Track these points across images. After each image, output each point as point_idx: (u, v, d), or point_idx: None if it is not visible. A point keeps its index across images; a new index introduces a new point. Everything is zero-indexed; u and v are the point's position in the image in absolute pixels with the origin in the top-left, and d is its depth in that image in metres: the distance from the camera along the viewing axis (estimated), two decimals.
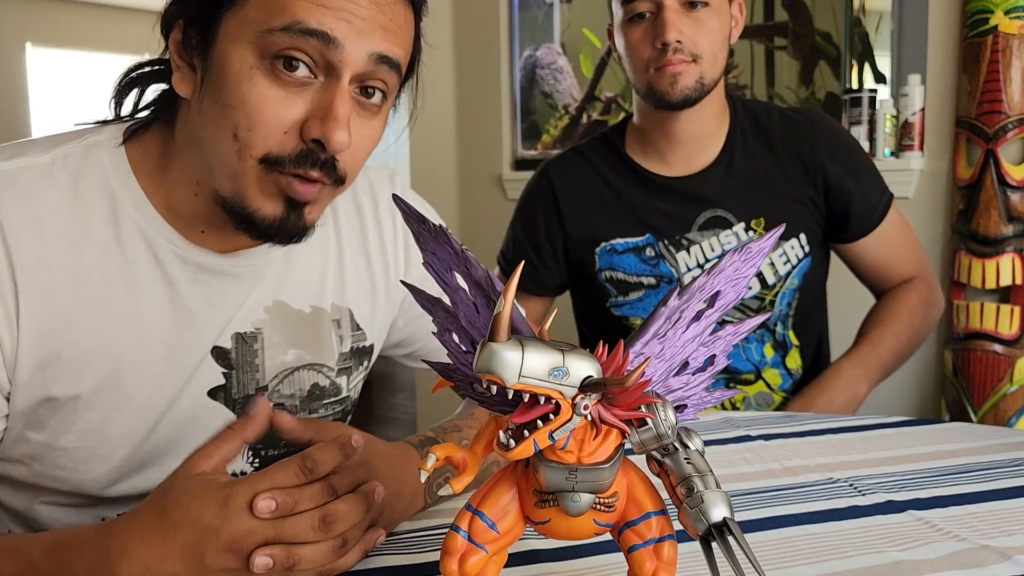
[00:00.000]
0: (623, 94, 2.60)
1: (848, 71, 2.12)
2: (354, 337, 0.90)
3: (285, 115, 0.68)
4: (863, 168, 1.32)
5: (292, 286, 0.85)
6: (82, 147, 0.75)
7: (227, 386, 0.82)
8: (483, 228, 2.96)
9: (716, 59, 1.20)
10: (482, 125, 2.91)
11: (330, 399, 0.90)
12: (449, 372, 0.54)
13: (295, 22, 0.66)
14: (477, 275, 0.50)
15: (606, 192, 1.34)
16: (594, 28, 2.64)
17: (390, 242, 0.93)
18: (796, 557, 0.67)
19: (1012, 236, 1.81)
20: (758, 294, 1.30)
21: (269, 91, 0.68)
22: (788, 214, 1.28)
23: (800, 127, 1.30)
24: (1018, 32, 1.76)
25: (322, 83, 0.69)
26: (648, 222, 1.30)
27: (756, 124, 1.31)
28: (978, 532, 0.71)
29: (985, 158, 1.81)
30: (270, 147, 0.69)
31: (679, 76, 1.18)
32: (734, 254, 0.51)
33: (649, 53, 1.19)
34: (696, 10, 1.18)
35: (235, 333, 0.82)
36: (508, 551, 0.52)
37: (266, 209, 0.71)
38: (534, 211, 1.38)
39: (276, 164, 0.69)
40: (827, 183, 1.28)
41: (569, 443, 0.46)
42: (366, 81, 0.70)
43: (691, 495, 0.48)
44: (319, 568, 0.61)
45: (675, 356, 0.51)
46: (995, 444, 0.94)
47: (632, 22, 1.20)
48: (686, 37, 1.16)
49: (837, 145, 1.30)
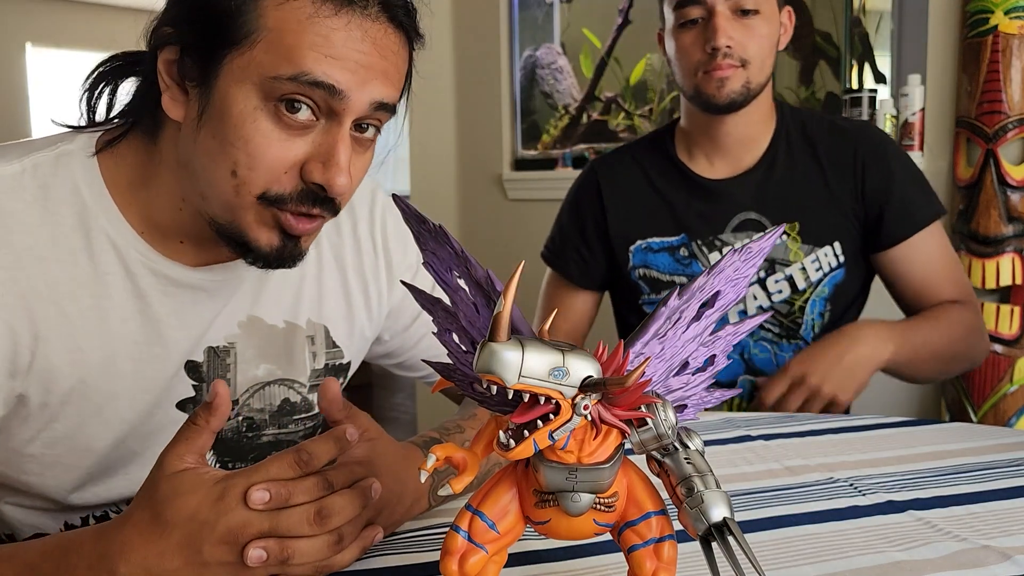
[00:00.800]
0: (623, 94, 2.60)
1: (848, 71, 2.12)
2: (329, 354, 0.90)
3: (287, 156, 0.69)
4: (907, 176, 1.29)
5: (267, 301, 0.85)
6: (53, 156, 0.75)
7: (196, 399, 0.82)
8: (483, 228, 2.96)
9: (764, 65, 1.23)
10: (482, 125, 2.91)
11: (301, 415, 0.90)
12: (449, 372, 0.54)
13: (302, 73, 0.67)
14: (477, 275, 0.50)
15: (649, 192, 1.36)
16: (594, 28, 2.64)
17: (369, 260, 0.92)
18: (796, 557, 0.67)
19: (1012, 236, 1.81)
20: (788, 298, 1.29)
21: (272, 133, 0.68)
22: (824, 221, 1.28)
23: (845, 135, 1.30)
24: (1018, 32, 1.76)
25: (324, 126, 0.70)
26: (684, 222, 1.32)
27: (802, 131, 1.32)
28: (978, 532, 0.71)
29: (985, 158, 1.81)
30: (270, 185, 0.69)
31: (726, 80, 1.20)
32: (734, 254, 0.51)
33: (699, 57, 1.22)
34: (747, 17, 1.20)
35: (208, 347, 0.82)
36: (508, 551, 0.52)
37: (262, 240, 0.72)
38: (581, 205, 1.41)
39: (276, 202, 0.70)
40: (865, 189, 1.27)
41: (569, 443, 0.46)
42: (363, 121, 0.72)
43: (691, 495, 0.48)
44: (314, 563, 0.60)
45: (675, 356, 0.51)
46: (995, 444, 0.94)
47: (683, 27, 1.23)
48: (735, 43, 1.19)
49: (881, 154, 1.28)
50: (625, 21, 2.57)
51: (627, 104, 2.59)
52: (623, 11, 2.56)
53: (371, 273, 0.92)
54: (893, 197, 1.26)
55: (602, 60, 2.63)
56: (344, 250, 0.91)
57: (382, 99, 0.71)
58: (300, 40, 0.67)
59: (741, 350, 1.32)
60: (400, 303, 0.95)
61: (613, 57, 2.60)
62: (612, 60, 2.61)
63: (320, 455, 0.62)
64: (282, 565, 0.59)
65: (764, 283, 1.29)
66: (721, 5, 1.19)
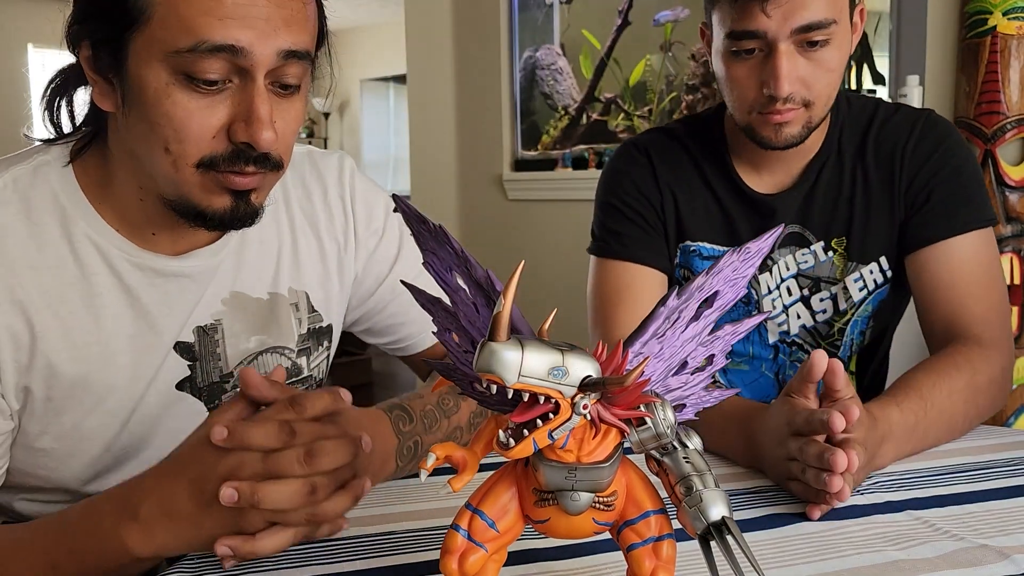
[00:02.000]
0: (622, 95, 2.60)
1: (847, 72, 2.13)
2: (311, 319, 0.94)
3: (210, 122, 0.71)
4: (954, 174, 1.09)
5: (247, 276, 0.88)
6: (30, 169, 0.78)
7: (192, 377, 0.86)
8: (483, 228, 2.96)
9: (829, 99, 1.04)
10: (482, 125, 2.91)
11: (293, 379, 0.93)
12: (449, 372, 0.55)
13: (200, 41, 0.68)
14: (477, 275, 0.50)
15: (706, 193, 1.17)
16: (594, 29, 2.64)
17: (339, 223, 0.95)
18: (795, 557, 0.67)
19: (1011, 236, 1.81)
20: (830, 319, 1.15)
21: (190, 103, 0.70)
22: (871, 234, 1.12)
23: (898, 130, 1.11)
24: (1016, 33, 1.77)
25: (238, 84, 0.71)
26: (738, 235, 1.16)
27: (856, 129, 1.13)
28: (976, 531, 0.71)
29: (984, 158, 1.81)
30: (203, 152, 0.71)
31: (785, 125, 1.01)
32: (732, 254, 0.52)
33: (754, 95, 1.01)
34: (815, 51, 0.98)
35: (196, 327, 0.85)
36: (508, 550, 0.52)
37: (215, 204, 0.74)
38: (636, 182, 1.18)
39: (211, 166, 0.72)
40: (904, 187, 1.10)
41: (568, 442, 0.46)
42: (279, 75, 0.73)
43: (690, 494, 0.48)
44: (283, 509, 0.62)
45: (674, 356, 0.51)
46: (993, 444, 0.94)
47: (737, 56, 1.01)
48: (800, 84, 0.99)
49: (930, 148, 1.10)
50: (625, 22, 2.57)
51: (627, 105, 2.59)
52: (623, 12, 2.56)
53: (342, 236, 0.95)
54: (933, 195, 1.08)
55: (602, 61, 2.63)
56: (317, 216, 0.94)
57: (289, 47, 0.71)
58: (191, 8, 0.68)
59: (777, 369, 1.19)
60: (364, 268, 0.98)
61: (613, 58, 2.61)
62: (612, 61, 2.61)
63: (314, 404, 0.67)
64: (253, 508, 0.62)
65: (808, 301, 1.15)
66: (785, 41, 0.96)
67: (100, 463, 0.82)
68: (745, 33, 0.97)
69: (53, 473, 0.81)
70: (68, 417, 0.79)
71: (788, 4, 0.95)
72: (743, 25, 0.97)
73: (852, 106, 1.14)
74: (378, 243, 0.97)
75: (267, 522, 0.63)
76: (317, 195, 0.94)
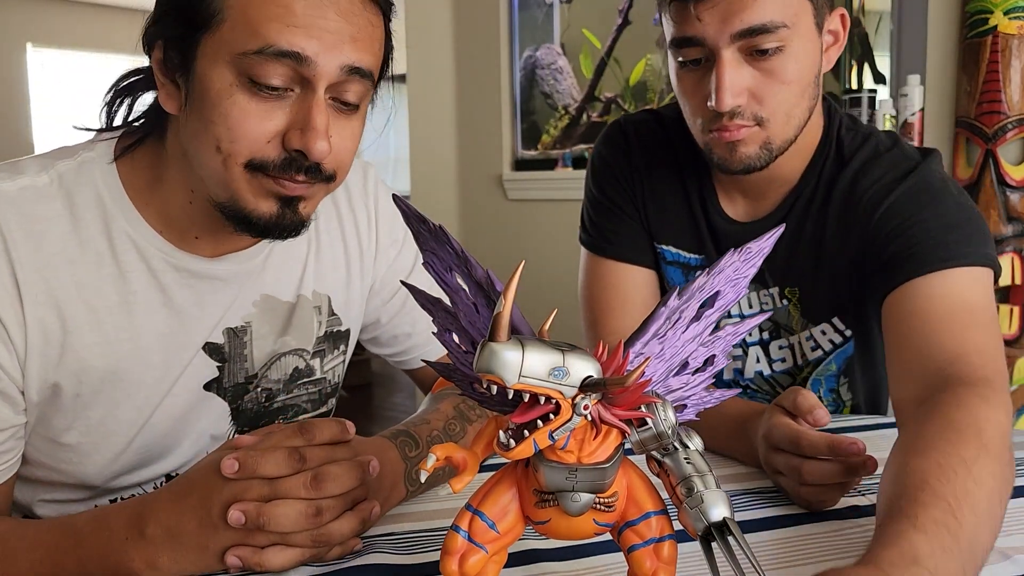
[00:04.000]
0: (623, 94, 2.60)
1: (848, 71, 2.13)
2: (330, 322, 0.95)
3: (266, 127, 0.71)
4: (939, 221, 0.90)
5: (276, 279, 0.89)
6: (76, 164, 0.79)
7: (220, 379, 0.87)
8: (483, 228, 2.96)
9: (790, 117, 0.91)
10: (482, 125, 2.91)
11: (305, 379, 0.94)
12: (449, 372, 0.54)
13: (267, 45, 0.69)
14: (477, 275, 0.50)
15: (680, 194, 1.09)
16: (594, 28, 2.64)
17: (364, 230, 0.96)
18: (796, 557, 0.67)
19: (1011, 236, 1.81)
20: (790, 369, 1.08)
21: (249, 105, 0.71)
22: (821, 292, 1.01)
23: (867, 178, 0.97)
24: (1017, 32, 1.77)
25: (299, 95, 0.72)
26: (704, 245, 1.08)
27: (831, 172, 1.00)
28: None
29: (984, 158, 1.81)
30: (254, 154, 0.72)
31: (739, 143, 0.90)
32: (734, 254, 0.51)
33: (703, 112, 0.91)
34: (764, 59, 0.87)
35: (226, 328, 0.86)
36: (508, 551, 0.52)
37: (261, 208, 0.75)
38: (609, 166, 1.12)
39: (261, 169, 0.73)
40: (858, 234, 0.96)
41: (569, 443, 0.46)
42: (340, 91, 0.73)
43: (691, 495, 0.48)
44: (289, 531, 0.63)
45: (675, 356, 0.51)
46: None
47: (684, 67, 0.92)
48: (747, 97, 0.88)
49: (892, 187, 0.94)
50: (625, 21, 2.57)
51: (627, 104, 2.59)
52: (623, 11, 2.56)
53: (365, 243, 0.97)
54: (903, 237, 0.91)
55: (602, 60, 2.63)
56: (343, 222, 0.95)
57: (352, 63, 0.72)
58: (261, 13, 0.69)
59: None
60: (382, 278, 0.99)
61: (613, 57, 2.61)
62: (612, 60, 2.61)
63: (323, 431, 0.67)
64: (260, 530, 0.63)
65: (767, 346, 1.08)
66: (728, 48, 0.86)
67: (122, 460, 0.83)
68: (684, 40, 0.88)
69: (76, 468, 0.82)
70: (95, 412, 0.80)
71: (724, 5, 0.85)
72: (681, 31, 0.88)
73: (843, 140, 1.01)
74: (397, 254, 0.99)
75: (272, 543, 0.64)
76: (342, 200, 0.95)
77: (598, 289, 1.12)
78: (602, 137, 1.16)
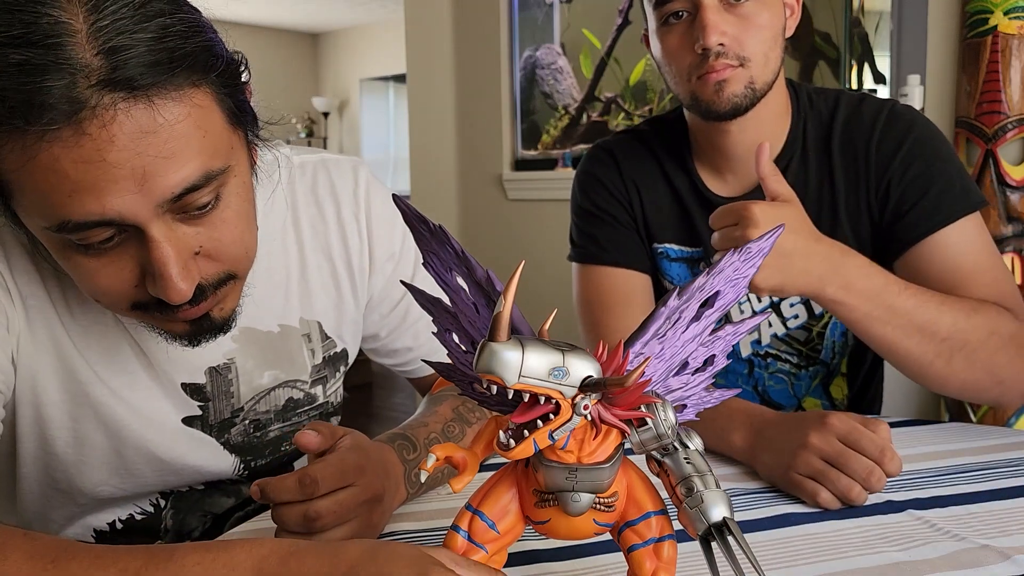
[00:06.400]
0: (623, 94, 2.60)
1: (848, 71, 2.13)
2: (325, 347, 0.91)
3: (121, 276, 0.64)
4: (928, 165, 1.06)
5: (257, 310, 0.84)
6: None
7: (203, 416, 0.84)
8: (483, 228, 2.96)
9: (768, 59, 1.03)
10: (482, 125, 2.91)
11: (305, 407, 0.92)
12: (449, 372, 0.54)
13: (64, 222, 0.59)
14: (477, 275, 0.50)
15: (669, 193, 1.18)
16: (594, 28, 2.64)
17: (354, 243, 0.90)
18: (796, 557, 0.67)
19: (1012, 236, 1.81)
20: (805, 324, 1.13)
21: (91, 263, 0.63)
22: (839, 234, 1.08)
23: (862, 126, 1.09)
24: (1017, 32, 1.77)
25: (134, 237, 0.62)
26: (701, 237, 1.15)
27: (819, 125, 1.12)
28: (977, 532, 0.71)
29: (984, 158, 1.81)
30: (132, 299, 0.66)
31: (725, 83, 1.01)
32: (734, 254, 0.51)
33: (689, 59, 1.02)
34: (740, 5, 1.00)
35: (208, 368, 0.83)
36: (508, 551, 0.52)
37: (176, 330, 0.70)
38: (604, 183, 1.20)
39: (145, 309, 0.67)
40: (878, 188, 1.07)
41: (569, 443, 0.46)
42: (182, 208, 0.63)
43: (691, 495, 0.48)
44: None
45: (675, 356, 0.51)
46: (994, 444, 0.94)
47: (667, 25, 1.04)
48: (730, 38, 1.00)
49: (900, 144, 1.07)
50: (625, 21, 2.57)
51: (627, 104, 2.59)
52: (623, 11, 2.56)
53: (356, 258, 0.91)
54: (909, 194, 1.05)
55: (602, 60, 2.63)
56: (330, 237, 0.89)
57: (178, 188, 0.61)
58: (43, 186, 0.58)
59: (755, 383, 1.17)
60: (380, 291, 0.94)
61: (613, 57, 2.61)
62: (612, 60, 2.61)
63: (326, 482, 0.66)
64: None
65: (778, 308, 1.13)
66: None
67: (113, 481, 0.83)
68: None
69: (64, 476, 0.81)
70: (72, 428, 0.79)
71: None
72: None
73: (815, 101, 1.13)
74: (394, 268, 0.93)
75: None
76: (330, 213, 0.89)
77: (595, 294, 1.17)
78: (587, 159, 1.24)
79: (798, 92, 1.13)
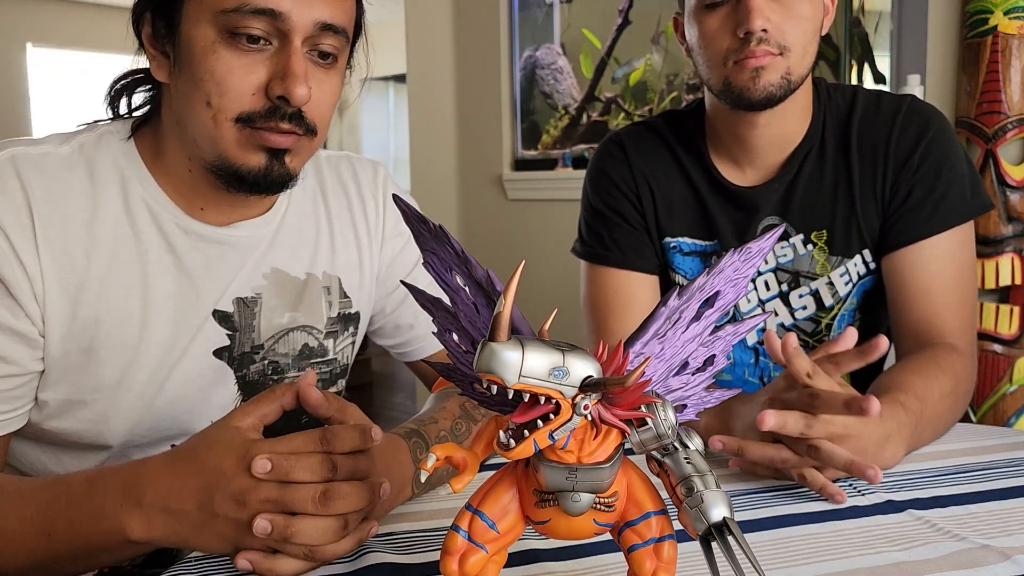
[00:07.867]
0: (623, 94, 2.60)
1: (848, 72, 2.13)
2: (341, 304, 0.98)
3: (250, 79, 0.78)
4: (939, 173, 1.08)
5: (287, 255, 0.94)
6: (96, 136, 0.86)
7: (230, 347, 0.91)
8: (483, 228, 2.96)
9: (806, 52, 1.03)
10: (482, 125, 2.91)
11: (318, 359, 0.97)
12: (449, 372, 0.54)
13: (243, 4, 0.76)
14: (477, 275, 0.50)
15: (684, 186, 1.18)
16: (594, 28, 2.64)
17: (372, 220, 1.02)
18: (796, 557, 0.67)
19: (1011, 236, 1.81)
20: (814, 315, 1.14)
21: (232, 59, 0.77)
22: (853, 227, 1.11)
23: (881, 121, 1.10)
24: (1017, 32, 1.76)
25: (277, 48, 0.79)
26: (717, 228, 1.16)
27: (838, 118, 1.13)
28: (978, 532, 0.71)
29: (984, 158, 1.81)
30: (242, 107, 0.78)
31: (762, 71, 1.01)
32: (733, 253, 0.51)
33: (728, 43, 1.02)
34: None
35: (236, 298, 0.90)
36: (508, 551, 0.52)
37: (250, 162, 0.80)
38: (612, 179, 1.20)
39: (249, 121, 0.78)
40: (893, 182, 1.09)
41: (569, 443, 0.46)
42: (316, 45, 0.80)
43: (691, 495, 0.48)
44: (312, 545, 0.63)
45: (675, 356, 0.51)
46: (994, 444, 0.94)
47: (709, 9, 1.04)
48: (773, 25, 1.00)
49: (918, 142, 1.08)
50: (625, 21, 2.57)
51: (627, 104, 2.59)
52: (623, 11, 2.56)
53: (373, 231, 1.02)
54: (913, 193, 1.08)
55: (602, 60, 2.63)
56: (354, 208, 1.01)
57: (325, 20, 0.79)
58: None
59: (761, 373, 1.18)
60: (387, 268, 1.03)
61: (613, 57, 2.61)
62: (612, 60, 2.61)
63: (344, 442, 0.66)
64: (284, 541, 0.62)
65: (787, 298, 1.14)
66: None
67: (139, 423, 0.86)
68: None
69: (91, 427, 0.84)
70: (108, 369, 0.83)
71: None
72: None
73: (833, 95, 1.14)
74: (403, 246, 1.03)
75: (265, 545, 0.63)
76: (353, 191, 1.01)
77: (601, 295, 1.18)
78: (598, 152, 1.24)
79: (818, 87, 1.14)
